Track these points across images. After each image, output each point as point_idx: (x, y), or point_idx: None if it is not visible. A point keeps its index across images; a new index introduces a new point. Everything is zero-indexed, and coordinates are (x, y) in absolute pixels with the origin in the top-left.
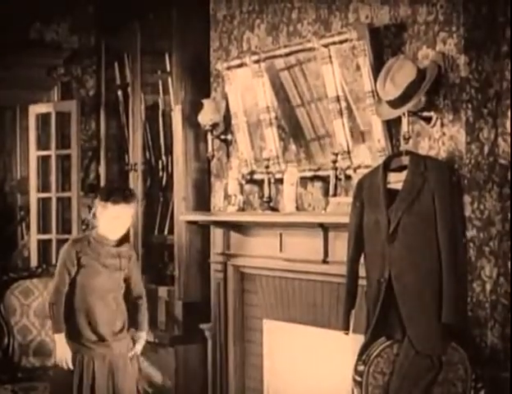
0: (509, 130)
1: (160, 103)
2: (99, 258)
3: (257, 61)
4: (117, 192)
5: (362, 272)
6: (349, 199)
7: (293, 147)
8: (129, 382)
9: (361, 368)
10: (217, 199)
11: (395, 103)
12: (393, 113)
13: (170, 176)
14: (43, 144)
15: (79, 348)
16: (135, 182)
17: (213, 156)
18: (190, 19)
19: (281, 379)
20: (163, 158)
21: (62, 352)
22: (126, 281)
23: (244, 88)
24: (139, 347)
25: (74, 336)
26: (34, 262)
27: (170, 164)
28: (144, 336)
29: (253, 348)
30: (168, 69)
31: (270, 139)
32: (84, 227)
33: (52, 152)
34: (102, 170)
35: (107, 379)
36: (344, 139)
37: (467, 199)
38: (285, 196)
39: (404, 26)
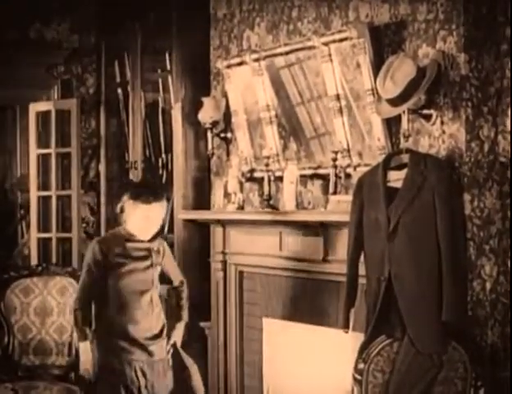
0: (509, 129)
1: (160, 101)
2: (129, 257)
3: (257, 60)
4: (148, 190)
5: (362, 270)
6: (349, 198)
7: (293, 145)
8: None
9: (361, 366)
10: (216, 197)
11: (395, 101)
12: (393, 111)
13: (170, 174)
14: (43, 142)
15: (115, 355)
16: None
17: (213, 154)
18: (190, 17)
19: (280, 377)
20: (163, 155)
21: (85, 361)
22: (165, 275)
23: (244, 86)
24: (175, 338)
25: (110, 343)
26: (34, 260)
27: (170, 162)
28: (180, 326)
29: (253, 346)
30: (168, 67)
31: (270, 138)
32: (84, 225)
33: (52, 150)
34: (102, 168)
35: (146, 386)
36: (344, 137)
37: (467, 197)
38: (285, 194)
39: (404, 24)
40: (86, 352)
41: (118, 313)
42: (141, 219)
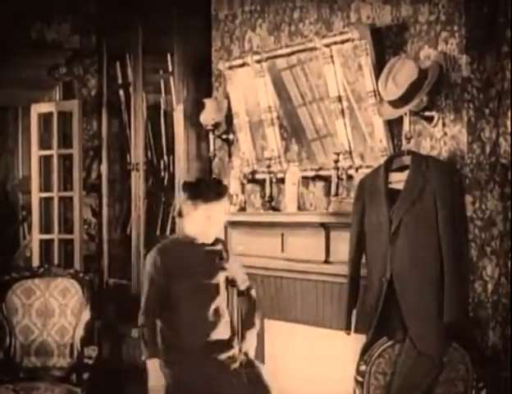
0: (510, 130)
1: (162, 102)
2: (192, 264)
3: (259, 61)
4: (209, 187)
5: (364, 272)
6: (351, 199)
7: (295, 146)
8: None
9: (363, 368)
10: None
11: (397, 103)
12: (395, 113)
13: (171, 176)
14: (44, 143)
15: (180, 368)
16: (137, 182)
17: (215, 155)
18: (192, 18)
19: (282, 379)
20: (165, 157)
21: (156, 380)
22: (231, 280)
23: (246, 87)
24: (247, 348)
25: (174, 356)
26: (35, 262)
27: (171, 164)
28: (252, 334)
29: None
30: (170, 69)
31: (272, 139)
32: (86, 227)
33: (53, 151)
34: (103, 169)
35: None
36: (345, 138)
37: (468, 198)
38: (287, 196)
39: (405, 26)
40: (156, 370)
41: (183, 327)
42: (202, 220)
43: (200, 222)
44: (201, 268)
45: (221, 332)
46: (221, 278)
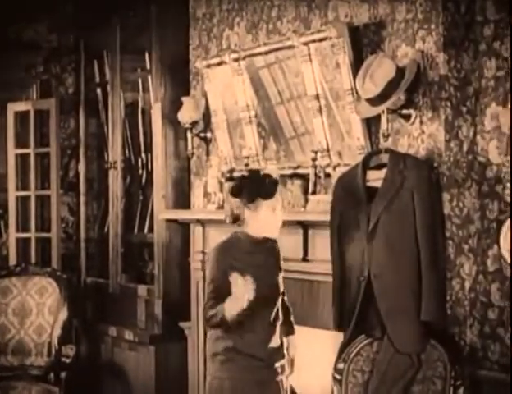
0: (487, 128)
1: (139, 100)
2: (255, 264)
3: (236, 59)
4: (261, 185)
5: None
6: (329, 197)
7: (272, 145)
8: None
9: (341, 366)
10: (196, 197)
11: (375, 101)
12: (372, 111)
13: (149, 174)
14: (21, 142)
15: (237, 373)
16: (115, 180)
17: (193, 154)
18: (170, 17)
19: None
20: (143, 155)
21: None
22: None
23: (224, 86)
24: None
25: (238, 362)
26: (12, 260)
27: (149, 162)
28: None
29: None
30: (148, 67)
31: (249, 137)
32: (63, 225)
33: (31, 150)
34: (81, 168)
35: None
36: (323, 137)
37: (446, 196)
38: None
39: (383, 24)
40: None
41: (244, 329)
42: (268, 216)
43: (266, 219)
44: (264, 268)
45: (277, 336)
46: (280, 278)
